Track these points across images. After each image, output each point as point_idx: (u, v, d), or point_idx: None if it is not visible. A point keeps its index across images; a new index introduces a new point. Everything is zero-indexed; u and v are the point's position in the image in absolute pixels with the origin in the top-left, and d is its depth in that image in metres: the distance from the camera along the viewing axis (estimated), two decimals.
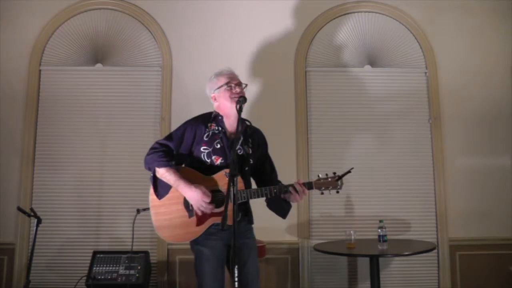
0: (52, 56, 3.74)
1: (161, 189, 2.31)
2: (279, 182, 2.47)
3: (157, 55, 3.77)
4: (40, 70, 3.72)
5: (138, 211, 2.38)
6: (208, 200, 2.22)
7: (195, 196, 2.22)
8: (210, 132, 2.38)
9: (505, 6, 3.89)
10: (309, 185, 2.28)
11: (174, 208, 2.29)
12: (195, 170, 2.32)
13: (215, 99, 2.45)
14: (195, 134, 2.36)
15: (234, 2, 3.82)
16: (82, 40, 3.77)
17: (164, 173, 2.28)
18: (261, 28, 3.79)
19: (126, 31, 3.79)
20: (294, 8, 3.83)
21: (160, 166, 2.28)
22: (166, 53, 3.75)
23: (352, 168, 2.26)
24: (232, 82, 2.41)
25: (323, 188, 2.29)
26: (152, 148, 2.34)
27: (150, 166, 2.32)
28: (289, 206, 2.44)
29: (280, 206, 2.43)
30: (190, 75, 3.73)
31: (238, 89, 2.39)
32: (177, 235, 2.29)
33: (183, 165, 2.37)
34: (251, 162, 2.41)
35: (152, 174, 2.33)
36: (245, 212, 2.39)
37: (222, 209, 2.21)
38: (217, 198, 2.28)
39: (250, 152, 2.41)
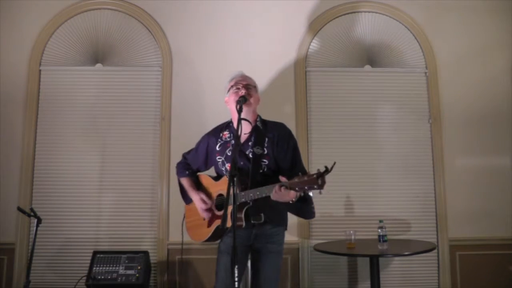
0: (52, 56, 3.74)
1: (187, 195, 2.58)
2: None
3: (157, 55, 3.77)
4: (40, 70, 3.71)
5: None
6: (204, 206, 2.41)
7: (196, 201, 2.46)
8: (222, 141, 2.44)
9: (505, 6, 3.89)
10: (285, 186, 2.04)
11: (195, 212, 2.51)
12: (208, 176, 2.52)
13: (227, 103, 2.47)
14: (208, 146, 2.51)
15: (234, 2, 3.81)
16: (82, 40, 3.77)
17: (182, 181, 2.60)
18: (261, 28, 3.79)
19: (126, 31, 3.78)
20: (294, 8, 3.82)
21: (179, 177, 2.63)
22: (166, 53, 3.75)
23: (335, 163, 1.88)
24: (239, 84, 2.39)
25: (297, 188, 1.99)
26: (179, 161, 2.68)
27: (177, 176, 2.67)
28: (303, 206, 2.25)
29: (291, 207, 2.26)
30: (190, 75, 3.73)
31: (243, 91, 2.35)
32: (195, 235, 2.54)
33: (202, 172, 2.61)
34: (266, 163, 2.33)
35: (178, 183, 2.66)
36: (268, 214, 2.29)
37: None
38: (222, 201, 2.32)
39: (265, 152, 2.33)
